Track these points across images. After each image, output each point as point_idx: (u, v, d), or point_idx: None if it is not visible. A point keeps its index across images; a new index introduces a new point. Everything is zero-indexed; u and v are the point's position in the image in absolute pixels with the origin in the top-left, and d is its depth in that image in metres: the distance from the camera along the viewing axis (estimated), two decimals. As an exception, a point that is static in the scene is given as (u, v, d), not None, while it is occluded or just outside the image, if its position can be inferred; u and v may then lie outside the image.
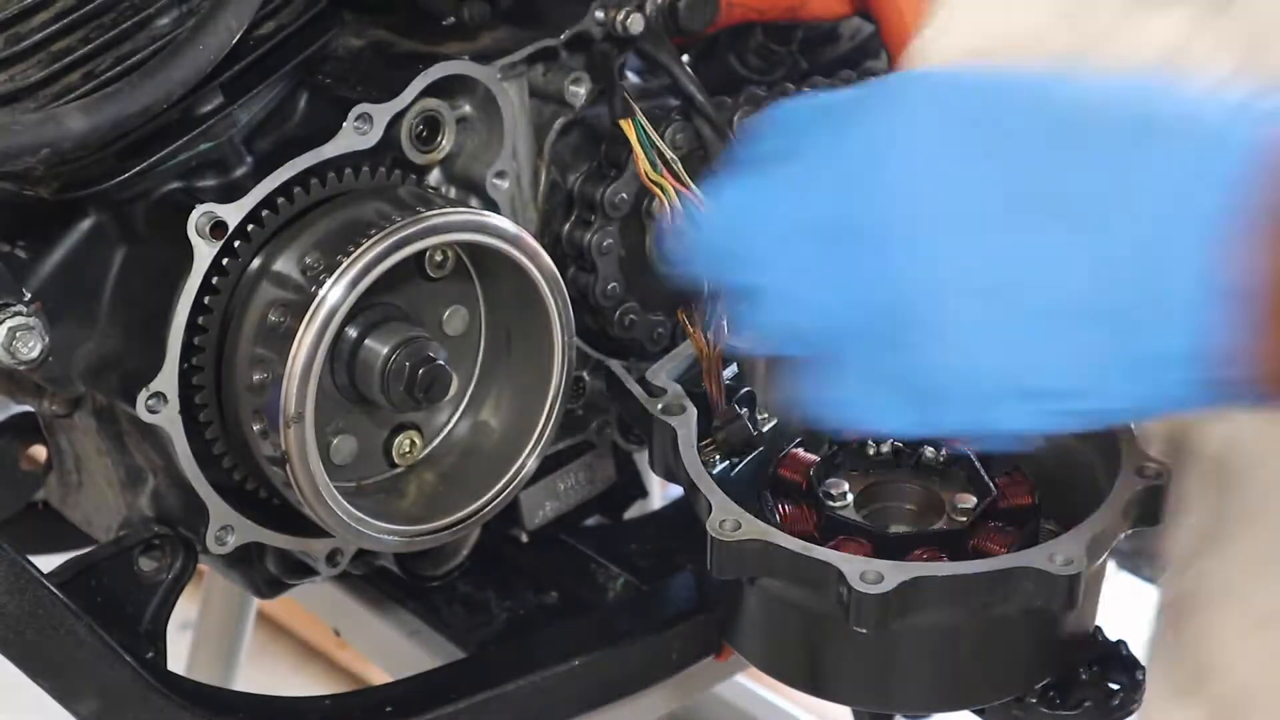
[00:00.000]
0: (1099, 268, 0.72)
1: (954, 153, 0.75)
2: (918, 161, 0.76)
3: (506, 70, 1.20)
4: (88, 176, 1.08)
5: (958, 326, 0.75)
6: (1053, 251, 0.73)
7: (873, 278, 0.76)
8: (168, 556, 1.17)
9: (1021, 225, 0.73)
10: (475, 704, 1.22)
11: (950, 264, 0.75)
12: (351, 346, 1.12)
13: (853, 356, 0.79)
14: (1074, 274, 0.72)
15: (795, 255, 0.79)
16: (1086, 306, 0.73)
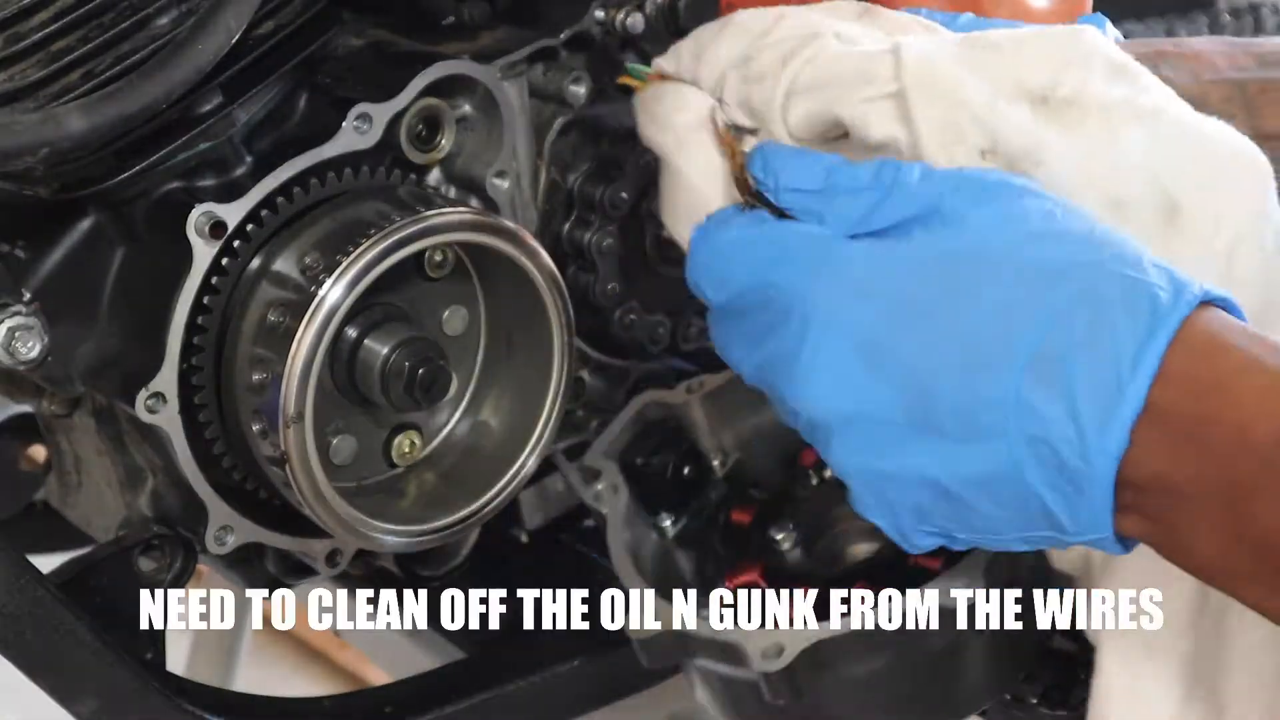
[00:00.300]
0: (1008, 470, 0.83)
1: (852, 368, 0.88)
2: (825, 373, 0.89)
3: (506, 70, 1.20)
4: (87, 176, 1.08)
5: (891, 502, 0.89)
6: (964, 457, 0.85)
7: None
8: (168, 556, 1.17)
9: (931, 434, 0.86)
10: (475, 704, 1.22)
11: (871, 459, 0.88)
12: (351, 346, 1.12)
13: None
14: (985, 468, 0.84)
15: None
16: (1003, 496, 0.85)
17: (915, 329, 0.87)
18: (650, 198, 1.31)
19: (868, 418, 0.88)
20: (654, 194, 1.30)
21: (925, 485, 0.87)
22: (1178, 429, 0.80)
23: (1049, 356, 0.82)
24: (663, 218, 1.04)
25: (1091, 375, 0.81)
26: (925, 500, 0.87)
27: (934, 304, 0.87)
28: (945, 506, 0.87)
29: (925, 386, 0.86)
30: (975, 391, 0.84)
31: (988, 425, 0.83)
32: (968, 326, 0.85)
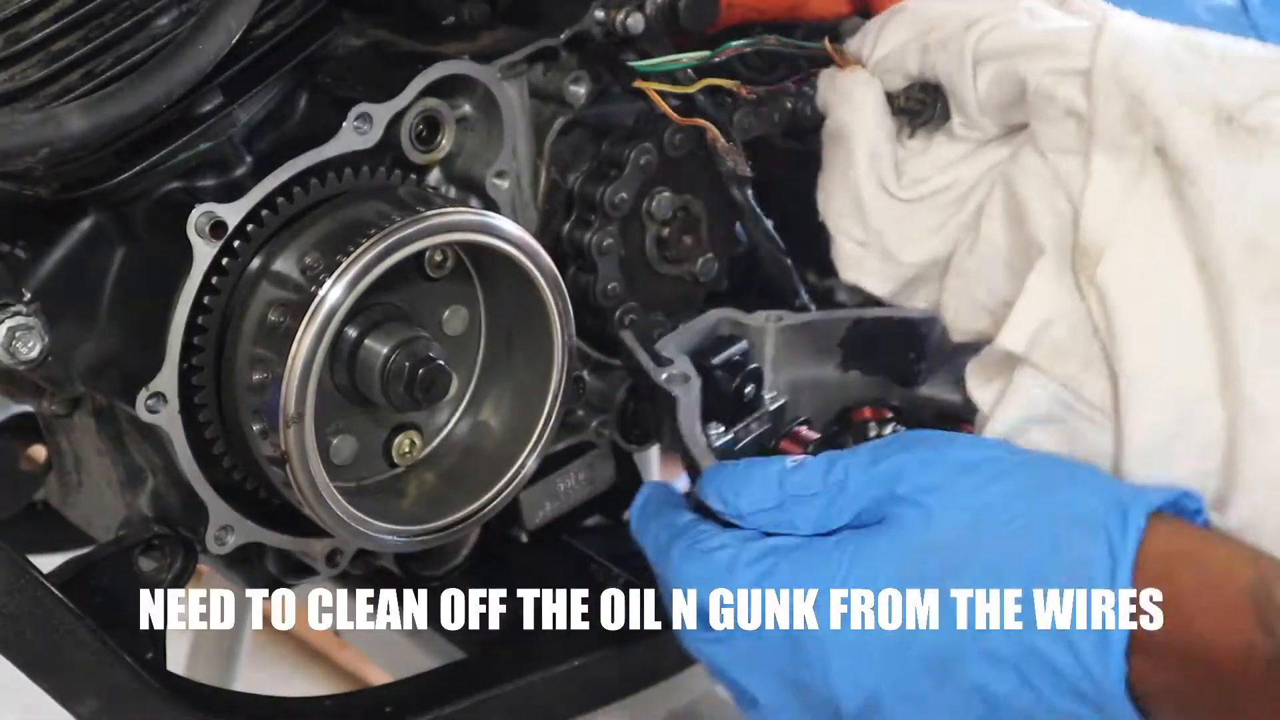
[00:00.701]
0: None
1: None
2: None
3: (506, 70, 1.20)
4: (88, 176, 1.08)
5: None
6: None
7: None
8: (168, 556, 1.17)
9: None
10: (475, 704, 1.22)
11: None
12: (351, 346, 1.12)
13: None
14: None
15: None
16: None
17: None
18: (650, 197, 1.31)
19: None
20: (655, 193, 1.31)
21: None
22: (1158, 653, 0.86)
23: (1038, 610, 0.89)
24: (822, 204, 1.07)
25: (1079, 613, 0.88)
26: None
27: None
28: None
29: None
30: (988, 644, 0.90)
31: (1004, 687, 0.90)
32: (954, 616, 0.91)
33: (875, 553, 0.94)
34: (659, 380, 1.14)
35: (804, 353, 1.24)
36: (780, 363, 1.23)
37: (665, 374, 1.15)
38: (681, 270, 1.35)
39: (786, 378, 1.23)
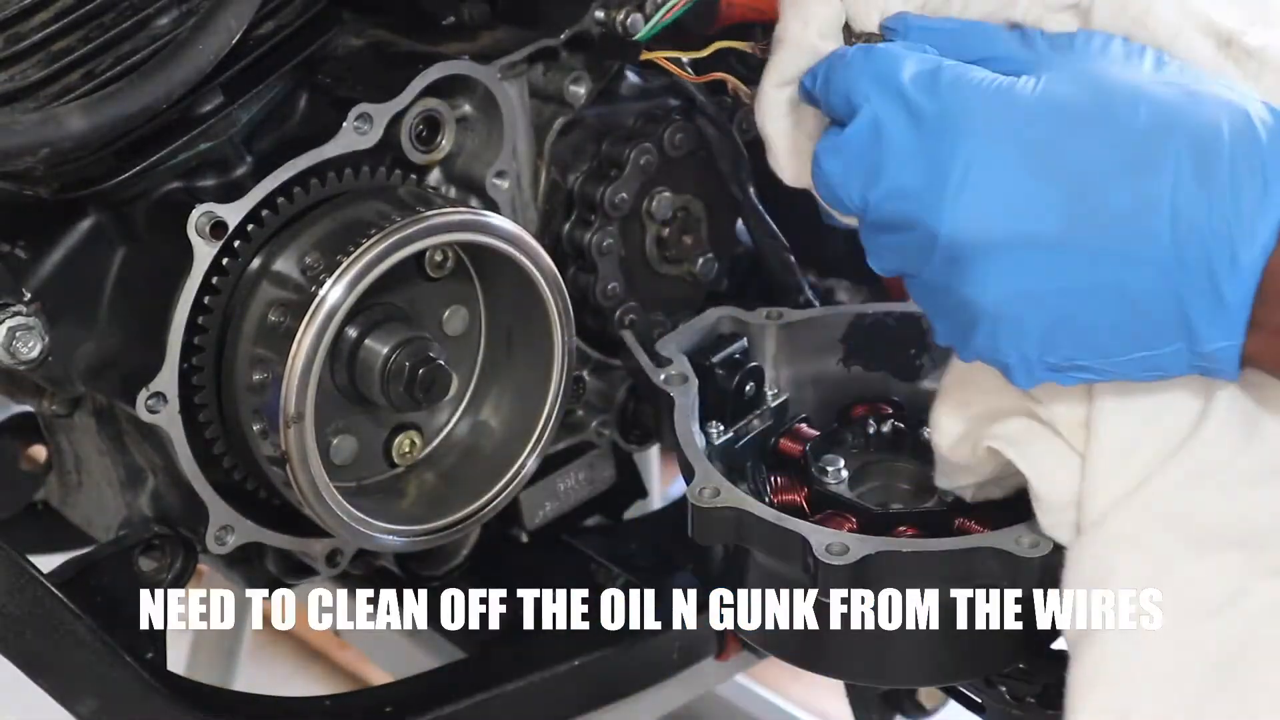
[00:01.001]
0: (1158, 278, 0.85)
1: (1019, 178, 0.88)
2: (986, 187, 0.89)
3: (506, 70, 1.20)
4: (88, 176, 1.08)
5: (1020, 330, 0.90)
6: (1118, 267, 0.86)
7: (936, 276, 0.91)
8: (168, 556, 1.17)
9: (1088, 245, 0.87)
10: (475, 704, 1.22)
11: (1012, 282, 0.88)
12: (351, 346, 1.12)
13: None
14: (1136, 279, 0.86)
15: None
16: (1146, 307, 0.86)
17: (1080, 135, 0.88)
18: (650, 197, 1.31)
19: (1025, 233, 0.88)
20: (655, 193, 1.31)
21: (1071, 301, 0.88)
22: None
23: (1203, 162, 0.85)
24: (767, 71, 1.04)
25: (1240, 180, 0.84)
26: (1062, 321, 0.89)
27: (1095, 112, 0.88)
28: (1081, 326, 0.88)
29: (1091, 189, 0.87)
30: (1138, 191, 0.86)
31: (1146, 227, 0.85)
32: (1129, 132, 0.87)
33: (1047, 72, 0.91)
34: (657, 380, 1.15)
35: (805, 349, 1.24)
36: (781, 360, 1.23)
37: (664, 374, 1.15)
38: (681, 270, 1.35)
39: (788, 375, 1.23)
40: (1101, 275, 0.87)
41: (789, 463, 1.16)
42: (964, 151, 0.89)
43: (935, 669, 1.12)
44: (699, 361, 1.18)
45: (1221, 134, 0.85)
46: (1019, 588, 1.00)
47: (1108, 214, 0.86)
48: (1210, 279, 0.84)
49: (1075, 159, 0.87)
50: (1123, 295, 0.87)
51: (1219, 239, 0.84)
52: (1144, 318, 0.87)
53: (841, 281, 1.45)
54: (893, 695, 1.53)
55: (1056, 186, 0.87)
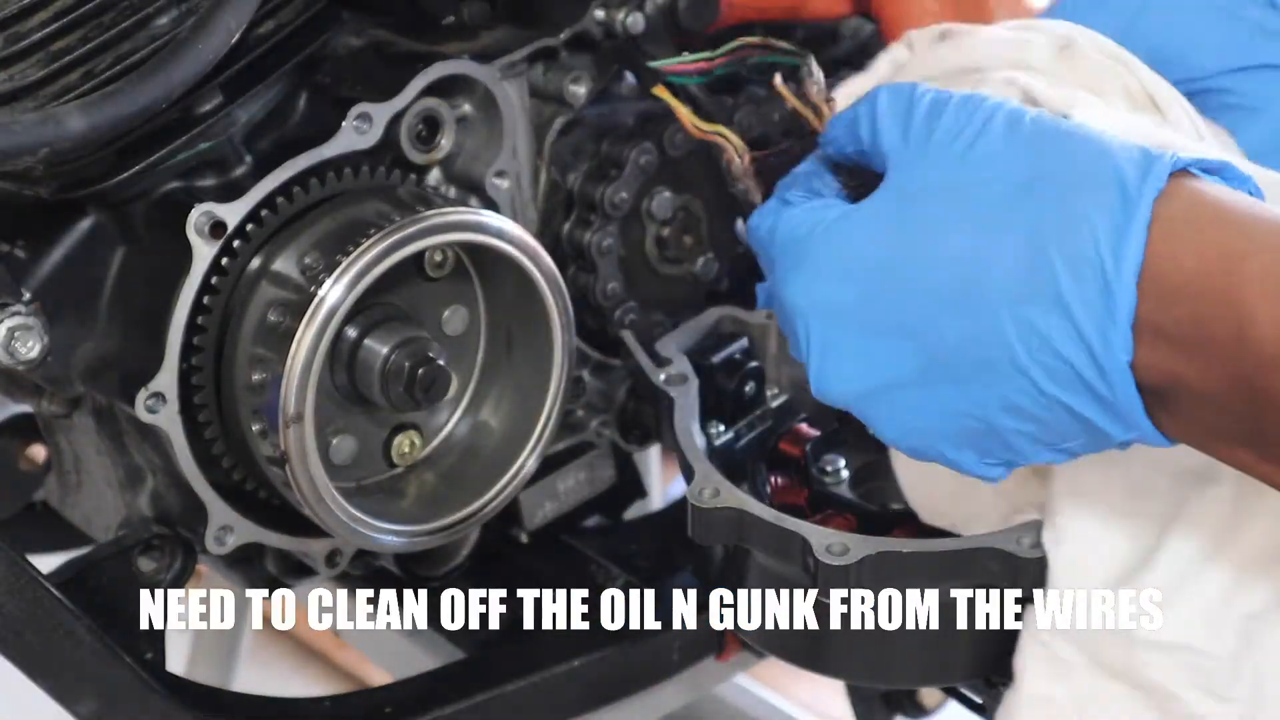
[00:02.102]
0: (1034, 392, 0.83)
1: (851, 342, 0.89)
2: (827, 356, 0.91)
3: (506, 70, 1.20)
4: (87, 176, 1.08)
5: (926, 446, 0.90)
6: (989, 390, 0.85)
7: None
8: (167, 556, 1.17)
9: (949, 379, 0.85)
10: (475, 704, 1.22)
11: (904, 416, 0.89)
12: (351, 346, 1.12)
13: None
14: (1014, 396, 0.84)
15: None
16: (1040, 415, 0.84)
17: (897, 287, 0.86)
18: (650, 197, 1.31)
19: (886, 386, 0.88)
20: (655, 193, 1.31)
21: (966, 428, 0.87)
22: (1178, 333, 0.77)
23: (1034, 273, 0.80)
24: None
25: (1079, 282, 0.78)
26: (973, 439, 0.87)
27: (908, 255, 0.85)
28: (994, 439, 0.87)
29: (925, 340, 0.85)
30: (973, 329, 0.83)
31: (997, 359, 0.82)
32: (947, 268, 0.84)
33: (859, 214, 0.90)
34: (657, 380, 1.15)
35: None
36: (782, 360, 1.24)
37: (663, 374, 1.15)
38: (681, 270, 1.35)
39: (788, 375, 1.23)
40: (984, 404, 0.85)
41: (789, 463, 1.16)
42: (802, 323, 0.91)
43: (935, 669, 1.12)
44: (699, 361, 1.18)
45: (1048, 237, 0.80)
46: (1019, 588, 1.00)
47: (954, 358, 0.85)
48: (1087, 389, 0.81)
49: (898, 314, 0.86)
50: (1016, 414, 0.84)
51: (1077, 350, 0.80)
52: (1051, 424, 0.84)
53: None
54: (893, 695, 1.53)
55: (895, 334, 0.87)
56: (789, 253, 0.93)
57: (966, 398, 0.85)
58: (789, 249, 0.93)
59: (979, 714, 1.20)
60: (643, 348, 1.19)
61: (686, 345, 1.19)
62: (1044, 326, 0.80)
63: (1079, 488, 0.98)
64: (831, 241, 0.90)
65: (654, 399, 1.18)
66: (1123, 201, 0.78)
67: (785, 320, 0.94)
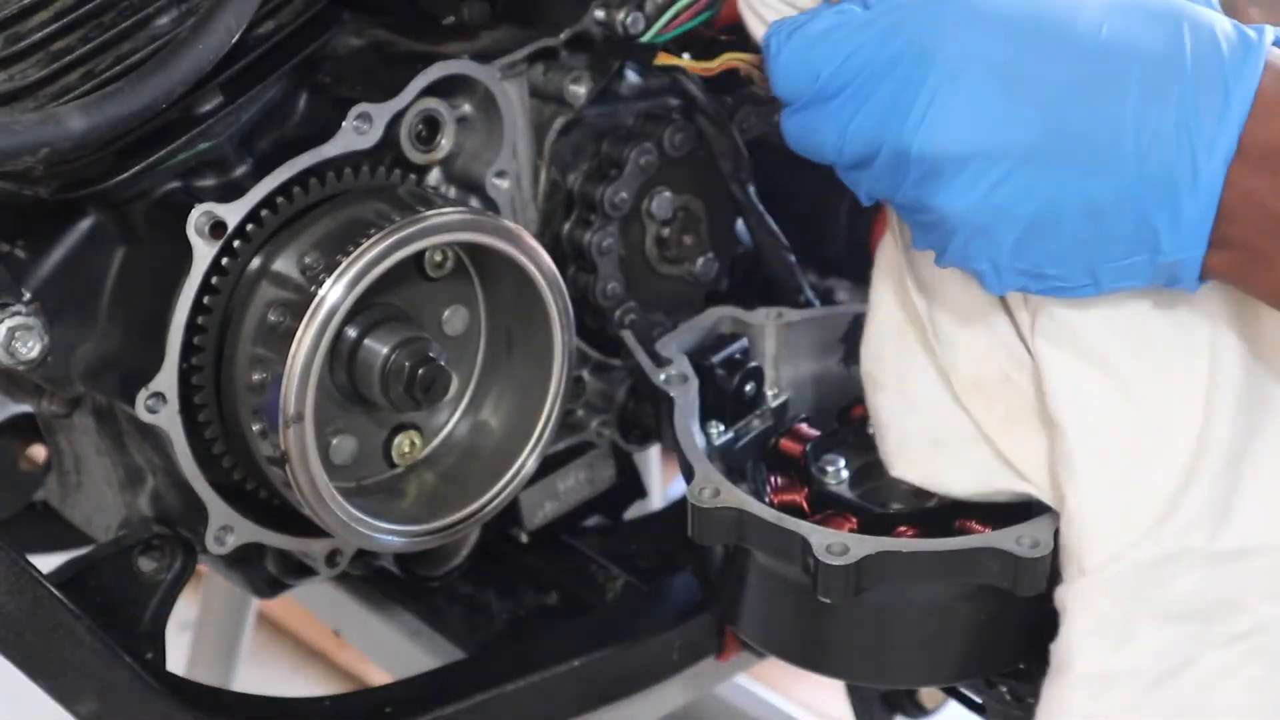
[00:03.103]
0: (1122, 190, 0.89)
1: (988, 95, 0.90)
2: (955, 105, 0.91)
3: (506, 70, 1.20)
4: (87, 176, 1.08)
5: (992, 238, 0.92)
6: (1083, 179, 0.89)
7: (911, 195, 0.94)
8: (167, 556, 1.17)
9: (1054, 158, 0.89)
10: (475, 704, 1.22)
11: (984, 193, 0.91)
12: (351, 346, 1.12)
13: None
14: (1100, 191, 0.89)
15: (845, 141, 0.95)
16: (1110, 218, 0.90)
17: (1045, 53, 0.90)
18: (650, 197, 1.31)
19: (994, 146, 0.90)
20: (655, 193, 1.31)
21: (1040, 212, 0.91)
22: (1272, 156, 0.86)
23: (1165, 78, 0.88)
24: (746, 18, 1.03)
25: (1201, 96, 0.87)
26: (1030, 231, 0.91)
27: (1060, 31, 0.90)
28: (1048, 236, 0.91)
29: (1057, 105, 0.89)
30: (1103, 107, 0.89)
31: (1110, 142, 0.88)
32: (1093, 50, 0.89)
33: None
34: (657, 380, 1.15)
35: (805, 349, 1.24)
36: (782, 360, 1.24)
37: (663, 374, 1.15)
38: (681, 270, 1.35)
39: (788, 375, 1.24)
40: (1069, 187, 0.90)
41: (789, 463, 1.16)
42: (932, 71, 0.91)
43: (935, 669, 1.12)
44: (699, 361, 1.18)
45: (1184, 50, 0.88)
46: (1019, 588, 1.00)
47: (1074, 129, 0.89)
48: (1172, 192, 0.88)
49: (1041, 77, 0.90)
50: (1089, 207, 0.90)
51: (1180, 154, 0.87)
52: (1109, 229, 0.90)
53: (842, 281, 1.45)
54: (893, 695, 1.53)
55: (1023, 102, 0.90)
56: (941, 6, 0.92)
57: (1063, 183, 0.90)
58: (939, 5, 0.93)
59: (979, 714, 1.20)
60: (643, 348, 1.19)
61: (686, 345, 1.19)
62: (1159, 127, 0.87)
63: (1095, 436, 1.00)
64: (988, 7, 0.92)
65: (654, 399, 1.18)
66: (1244, 51, 0.88)
67: (902, 65, 0.92)
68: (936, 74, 0.91)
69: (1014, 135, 0.90)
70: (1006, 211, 0.91)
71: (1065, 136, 0.89)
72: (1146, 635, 0.98)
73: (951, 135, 0.91)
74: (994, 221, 0.92)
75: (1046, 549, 0.99)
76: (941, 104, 0.91)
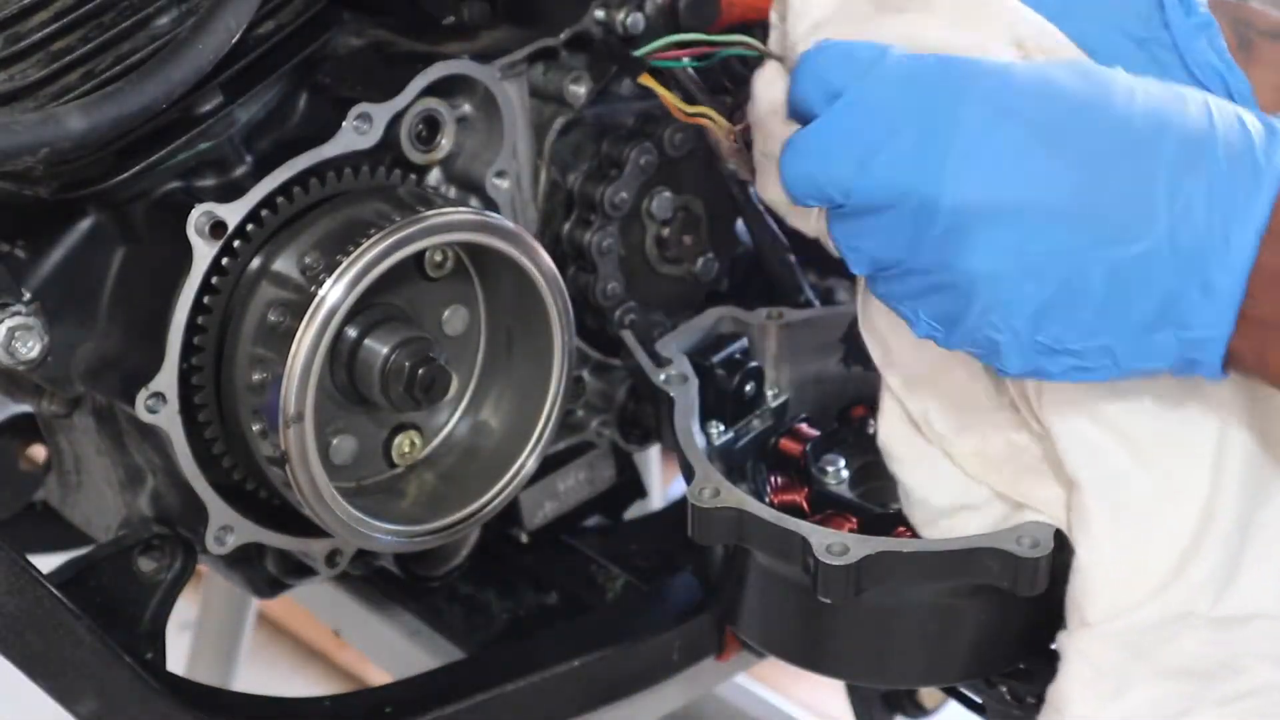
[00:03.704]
0: (1153, 257, 0.86)
1: (1026, 148, 0.87)
2: (993, 154, 0.87)
3: (506, 70, 1.20)
4: (87, 176, 1.08)
5: (1016, 304, 0.88)
6: (1114, 244, 0.86)
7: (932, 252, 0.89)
8: (167, 556, 1.17)
9: (1087, 220, 0.86)
10: (475, 704, 1.22)
11: (1013, 251, 0.87)
12: (351, 346, 1.12)
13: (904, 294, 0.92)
14: (1130, 256, 0.86)
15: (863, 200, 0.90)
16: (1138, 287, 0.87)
17: (1080, 116, 0.88)
18: (650, 197, 1.31)
19: (1031, 201, 0.87)
20: (655, 193, 1.31)
21: (1067, 277, 0.87)
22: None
23: (1197, 152, 0.86)
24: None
25: (1233, 169, 0.85)
26: (1055, 297, 0.87)
27: (1094, 98, 0.88)
28: (1071, 305, 0.88)
29: (1093, 167, 0.87)
30: (1137, 174, 0.86)
31: (1144, 209, 0.86)
32: (1127, 119, 0.87)
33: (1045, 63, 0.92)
34: (657, 380, 1.15)
35: (805, 349, 1.24)
36: (782, 360, 1.24)
37: (663, 374, 1.15)
38: (681, 270, 1.35)
39: (788, 375, 1.24)
40: (1099, 252, 0.86)
41: (789, 463, 1.16)
42: (967, 117, 0.87)
43: (935, 669, 1.12)
44: (699, 361, 1.18)
45: (1214, 125, 0.86)
46: (1019, 588, 1.01)
47: (1108, 191, 0.86)
48: (1202, 263, 0.85)
49: (1076, 138, 0.87)
50: (1118, 273, 0.87)
51: (1213, 224, 0.85)
52: (1136, 298, 0.87)
53: (842, 281, 1.45)
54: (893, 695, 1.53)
55: (1059, 160, 0.87)
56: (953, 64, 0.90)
57: (1087, 244, 0.87)
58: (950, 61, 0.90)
59: (979, 714, 1.20)
60: (642, 348, 1.19)
61: (686, 345, 1.19)
62: (1192, 198, 0.85)
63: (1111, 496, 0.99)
64: (1013, 68, 0.90)
65: (654, 399, 1.18)
66: (1270, 131, 0.87)
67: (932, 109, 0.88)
68: (969, 119, 0.87)
69: (1049, 192, 0.86)
70: (1035, 272, 0.87)
71: (1099, 198, 0.86)
72: (1143, 689, 0.98)
73: (988, 184, 0.86)
74: (1021, 283, 0.87)
75: (1046, 549, 0.99)
76: (978, 150, 0.87)
